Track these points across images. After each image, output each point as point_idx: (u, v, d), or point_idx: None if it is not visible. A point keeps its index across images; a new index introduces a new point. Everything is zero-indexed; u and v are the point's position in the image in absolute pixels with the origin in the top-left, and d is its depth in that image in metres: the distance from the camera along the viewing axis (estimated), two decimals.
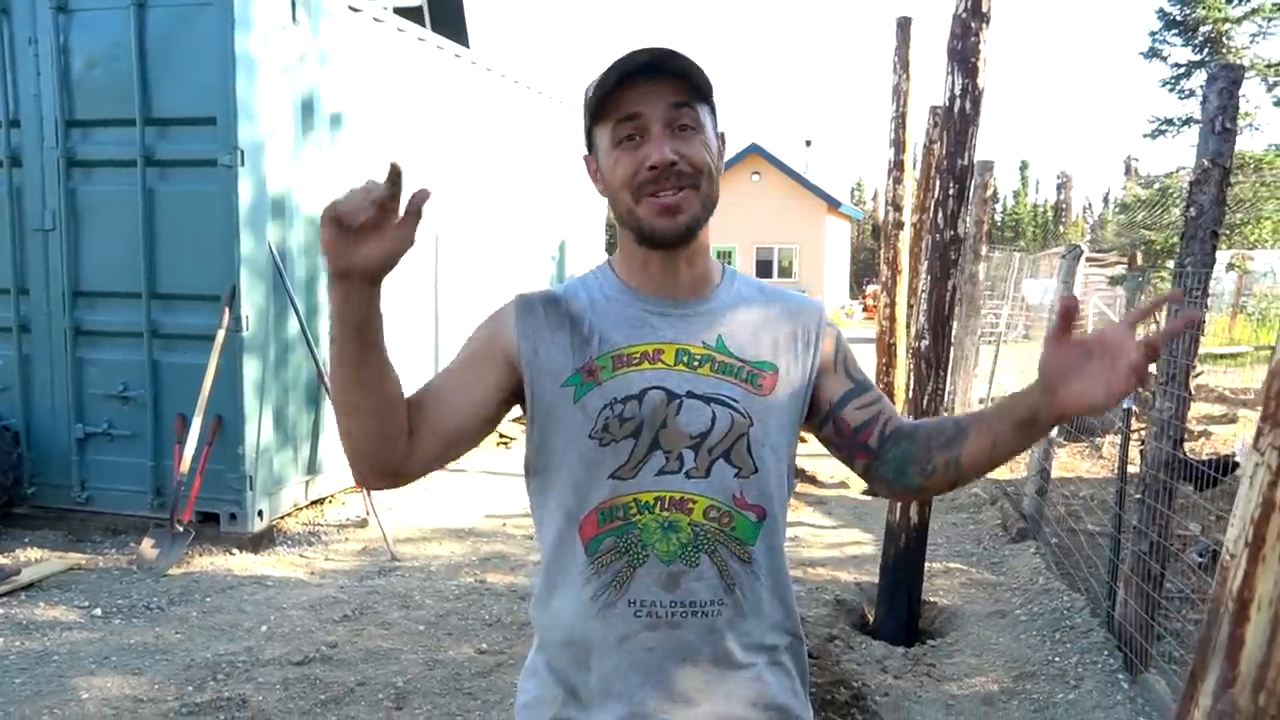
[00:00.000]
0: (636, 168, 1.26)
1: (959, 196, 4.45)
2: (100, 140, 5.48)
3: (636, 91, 1.25)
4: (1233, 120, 3.80)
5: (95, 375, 5.60)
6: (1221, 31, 16.58)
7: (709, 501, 1.28)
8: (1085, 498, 6.66)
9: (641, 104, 1.25)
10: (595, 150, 1.33)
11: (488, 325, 1.36)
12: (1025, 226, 55.87)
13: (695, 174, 1.26)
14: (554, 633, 1.34)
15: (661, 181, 1.25)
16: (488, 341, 1.34)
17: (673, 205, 1.26)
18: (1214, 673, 0.59)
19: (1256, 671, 0.54)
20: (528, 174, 8.93)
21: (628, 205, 1.28)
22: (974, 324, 10.06)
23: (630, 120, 1.26)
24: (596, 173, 1.34)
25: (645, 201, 1.26)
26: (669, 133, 1.26)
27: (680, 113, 1.26)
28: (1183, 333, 1.11)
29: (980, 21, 4.34)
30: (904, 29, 7.48)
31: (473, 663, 3.96)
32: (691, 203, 1.27)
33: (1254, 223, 14.78)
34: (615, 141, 1.28)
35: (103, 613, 4.49)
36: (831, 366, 1.39)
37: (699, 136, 1.28)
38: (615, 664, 1.28)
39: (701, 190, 1.28)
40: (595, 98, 1.27)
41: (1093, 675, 3.80)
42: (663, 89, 1.26)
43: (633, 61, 1.24)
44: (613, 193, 1.30)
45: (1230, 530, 0.60)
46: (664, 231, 1.27)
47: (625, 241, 1.35)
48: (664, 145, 1.25)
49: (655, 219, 1.27)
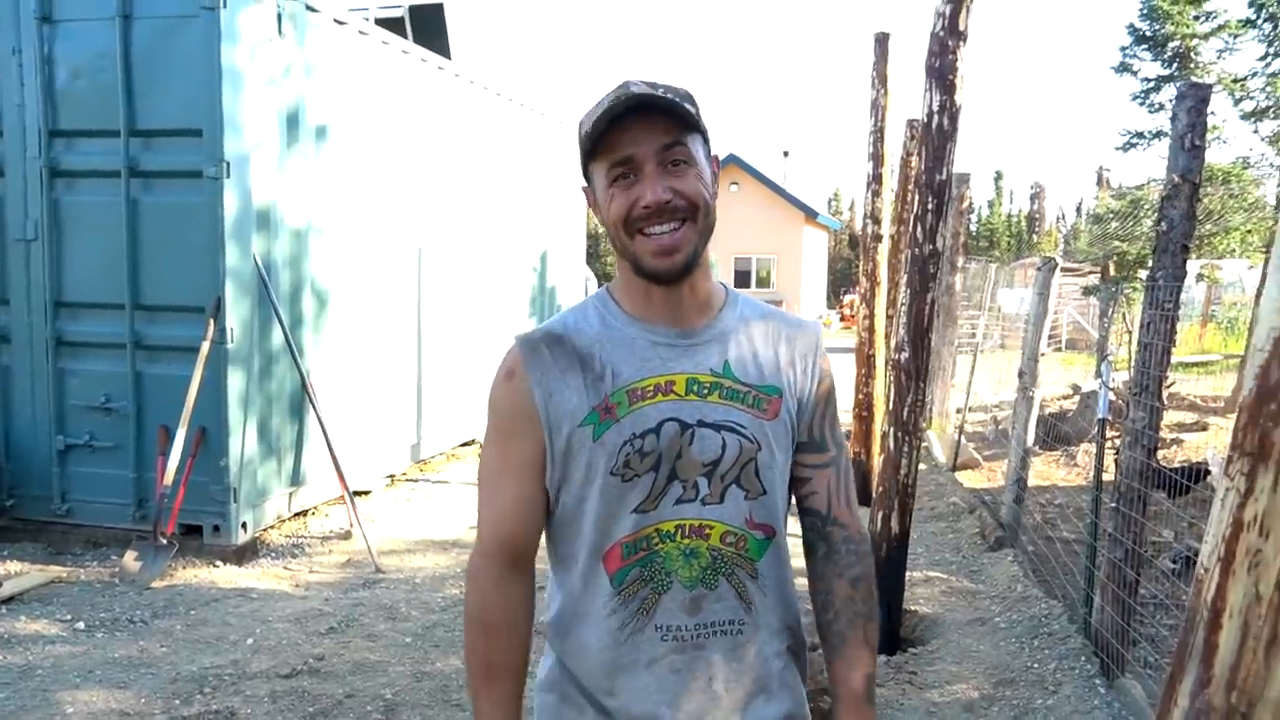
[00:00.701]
0: (630, 206, 1.28)
1: (937, 211, 4.54)
2: (84, 151, 5.48)
3: (628, 133, 1.28)
4: (1201, 137, 3.91)
5: (77, 386, 5.58)
6: (1190, 47, 16.90)
7: (725, 526, 1.34)
8: (1061, 506, 6.77)
9: (633, 145, 1.28)
10: (592, 184, 1.36)
11: (507, 397, 1.37)
12: (1000, 236, 56.47)
13: (690, 208, 1.29)
14: (580, 660, 1.37)
15: (654, 219, 1.28)
16: (518, 417, 1.36)
17: (669, 245, 1.29)
18: (1191, 675, 0.65)
19: (1229, 673, 0.60)
20: (510, 186, 8.97)
21: (625, 242, 1.31)
22: (951, 334, 10.19)
23: (623, 163, 1.29)
24: (595, 203, 1.38)
25: (640, 239, 1.29)
26: (662, 170, 1.28)
27: (672, 151, 1.29)
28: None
29: (958, 40, 4.43)
30: (882, 44, 7.59)
31: (460, 675, 3.98)
32: (689, 238, 1.30)
33: (1222, 234, 15.06)
34: (610, 180, 1.31)
35: (85, 626, 4.47)
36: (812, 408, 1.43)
37: (692, 170, 1.30)
38: (644, 686, 1.33)
39: (698, 223, 1.31)
40: (588, 139, 1.30)
41: (1071, 681, 3.88)
42: (653, 128, 1.28)
43: (621, 104, 1.26)
44: (611, 229, 1.33)
45: (1205, 546, 0.66)
46: (663, 270, 1.31)
47: (626, 272, 1.38)
48: (657, 185, 1.27)
49: (653, 259, 1.30)
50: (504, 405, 1.38)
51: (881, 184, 7.60)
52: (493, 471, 1.40)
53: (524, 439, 1.36)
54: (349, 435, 6.27)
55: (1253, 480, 0.62)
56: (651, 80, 1.31)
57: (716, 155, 1.39)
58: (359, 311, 6.56)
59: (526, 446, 1.36)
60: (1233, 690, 0.60)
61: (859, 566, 1.43)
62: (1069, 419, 9.51)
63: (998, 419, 10.28)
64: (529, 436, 1.35)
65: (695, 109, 1.31)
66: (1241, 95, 15.19)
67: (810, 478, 1.44)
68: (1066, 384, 12.08)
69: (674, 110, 1.28)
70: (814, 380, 1.43)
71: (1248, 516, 0.62)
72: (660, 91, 1.28)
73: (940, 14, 4.42)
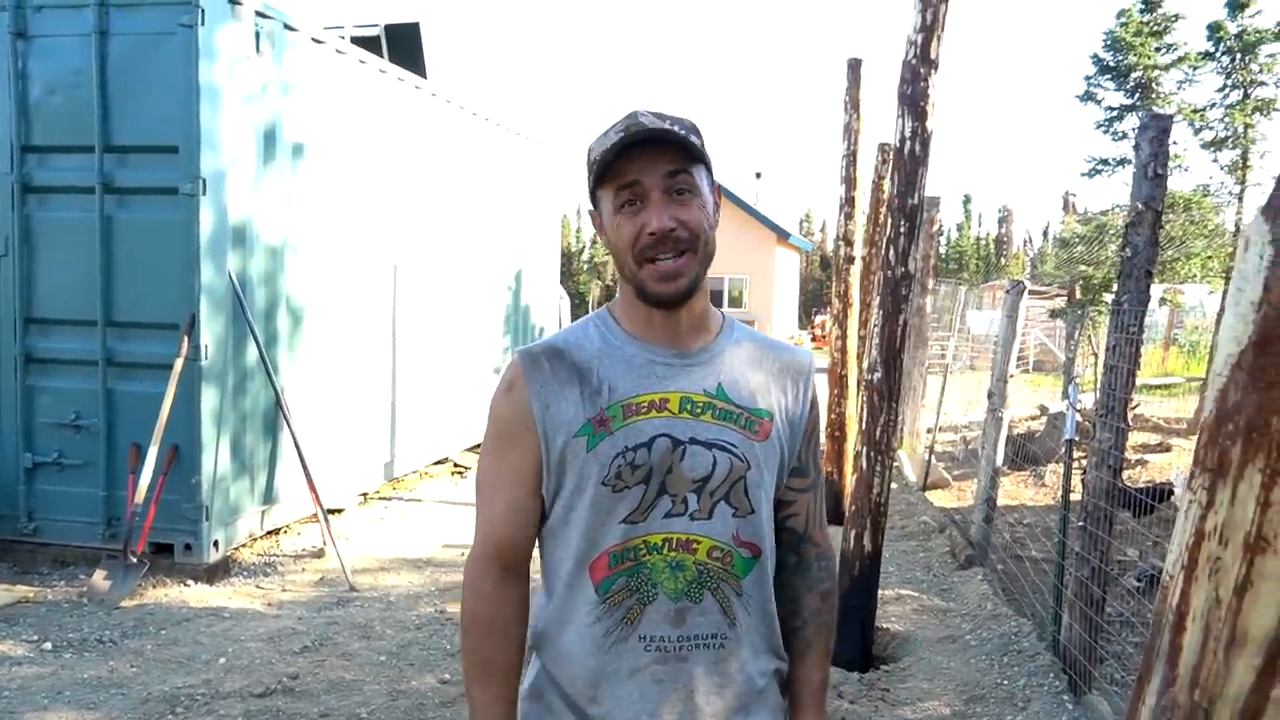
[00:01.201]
0: (638, 233, 1.34)
1: (909, 234, 4.63)
2: (57, 166, 5.45)
3: (635, 163, 1.34)
4: (1164, 166, 4.03)
5: (47, 404, 5.52)
6: (1151, 78, 17.32)
7: (712, 542, 1.37)
8: (1030, 525, 6.87)
9: (640, 173, 1.34)
10: (599, 208, 1.42)
11: (506, 407, 1.42)
12: (969, 259, 57.22)
13: (693, 238, 1.36)
14: (564, 666, 1.40)
15: (660, 247, 1.34)
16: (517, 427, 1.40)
17: (672, 271, 1.35)
18: (1158, 675, 0.70)
19: (1192, 672, 0.65)
20: (485, 205, 9.01)
21: (631, 268, 1.37)
22: (922, 355, 10.33)
23: (630, 187, 1.35)
24: (601, 227, 1.43)
25: (647, 267, 1.35)
26: (667, 199, 1.34)
27: (677, 179, 1.35)
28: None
29: (929, 67, 4.54)
30: (854, 70, 7.73)
31: (436, 693, 3.98)
32: (691, 266, 1.36)
33: (1184, 260, 15.40)
34: (617, 207, 1.36)
35: (53, 646, 4.41)
36: (804, 434, 1.50)
37: (696, 200, 1.36)
38: (626, 695, 1.36)
39: (699, 253, 1.37)
40: (598, 165, 1.36)
41: (1039, 697, 3.94)
42: (661, 157, 1.34)
43: (630, 137, 1.32)
44: (616, 254, 1.39)
45: (1170, 555, 0.71)
46: (666, 295, 1.37)
47: (628, 294, 1.43)
48: (663, 213, 1.33)
49: (657, 284, 1.36)
50: (503, 415, 1.43)
51: (854, 207, 7.72)
52: (489, 479, 1.44)
53: (520, 448, 1.40)
54: (323, 453, 6.25)
55: (1213, 494, 0.67)
56: (658, 111, 1.37)
57: (719, 184, 1.45)
58: (334, 329, 6.55)
59: (522, 455, 1.40)
60: (1195, 688, 0.64)
61: (828, 582, 1.54)
62: (1037, 439, 9.67)
63: (967, 439, 10.42)
64: (525, 446, 1.39)
65: (700, 141, 1.38)
66: (1201, 125, 15.58)
67: (794, 500, 1.51)
68: (1034, 405, 12.27)
69: (681, 143, 1.34)
70: (805, 407, 1.50)
71: (1209, 527, 0.67)
72: (668, 124, 1.34)
73: (912, 42, 4.53)
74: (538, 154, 10.32)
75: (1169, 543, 0.74)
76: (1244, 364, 0.66)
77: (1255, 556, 0.63)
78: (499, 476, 1.42)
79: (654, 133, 1.33)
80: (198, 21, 5.12)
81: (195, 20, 5.12)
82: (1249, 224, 0.68)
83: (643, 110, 1.37)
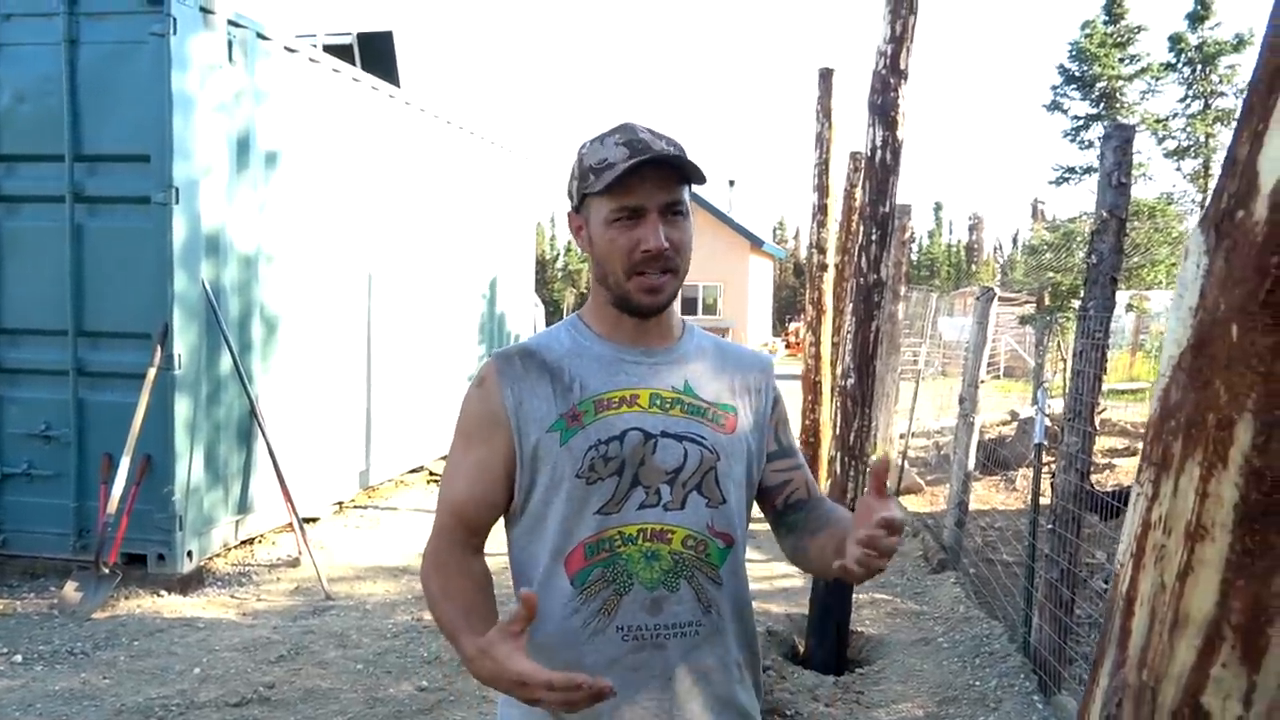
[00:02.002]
0: (632, 248, 1.39)
1: (881, 242, 4.70)
2: (26, 175, 5.40)
3: (642, 185, 1.38)
4: (1127, 175, 4.13)
5: (15, 414, 5.47)
6: (1115, 88, 17.66)
7: (686, 531, 1.42)
8: (1001, 529, 6.97)
9: (645, 197, 1.39)
10: (586, 212, 1.45)
11: (478, 401, 1.46)
12: (940, 266, 57.84)
13: (678, 260, 1.43)
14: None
15: (651, 264, 1.40)
16: (485, 421, 1.45)
17: (658, 286, 1.41)
18: (1110, 657, 0.74)
19: (1140, 654, 0.69)
20: (459, 213, 9.01)
21: (618, 278, 1.42)
22: (894, 361, 10.43)
23: (630, 204, 1.39)
24: (581, 230, 1.47)
25: (635, 279, 1.41)
26: (662, 219, 1.40)
27: (674, 204, 1.41)
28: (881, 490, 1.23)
29: (899, 78, 4.62)
30: (826, 80, 7.83)
31: (414, 700, 3.98)
32: (673, 283, 1.44)
33: (1149, 266, 15.69)
34: (612, 219, 1.41)
35: (23, 659, 4.36)
36: (770, 424, 1.58)
37: (685, 222, 1.44)
38: None
39: (680, 273, 1.44)
40: (606, 180, 1.38)
41: (1011, 698, 4.00)
42: (662, 183, 1.39)
43: (641, 159, 1.36)
44: (604, 263, 1.43)
45: (1120, 545, 0.76)
46: (648, 307, 1.43)
47: (600, 299, 1.49)
48: (659, 233, 1.39)
49: (642, 296, 1.42)
50: (474, 410, 1.47)
51: (827, 214, 7.81)
52: (452, 471, 1.48)
53: (488, 445, 1.44)
54: (297, 462, 6.22)
55: (1158, 486, 0.71)
56: (650, 128, 1.43)
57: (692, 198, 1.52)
58: (308, 337, 6.53)
59: (491, 450, 1.44)
60: (1144, 668, 0.69)
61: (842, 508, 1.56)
62: (1007, 444, 9.80)
63: (939, 444, 10.53)
64: (494, 442, 1.44)
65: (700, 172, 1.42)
66: (1164, 135, 15.90)
67: (790, 479, 1.57)
68: (1005, 410, 12.42)
69: (683, 169, 1.40)
70: (767, 402, 1.57)
71: (1154, 517, 0.71)
72: (671, 148, 1.41)
73: (882, 53, 4.61)
74: (512, 162, 10.34)
75: (1121, 533, 0.79)
76: (1183, 365, 0.71)
77: (1195, 544, 0.68)
78: (463, 468, 1.46)
79: (664, 157, 1.38)
80: (170, 30, 5.10)
81: (167, 29, 5.10)
82: (1189, 235, 0.73)
83: (639, 126, 1.43)
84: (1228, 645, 0.65)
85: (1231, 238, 0.67)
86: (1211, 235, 0.69)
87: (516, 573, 1.49)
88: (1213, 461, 0.66)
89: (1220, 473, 0.66)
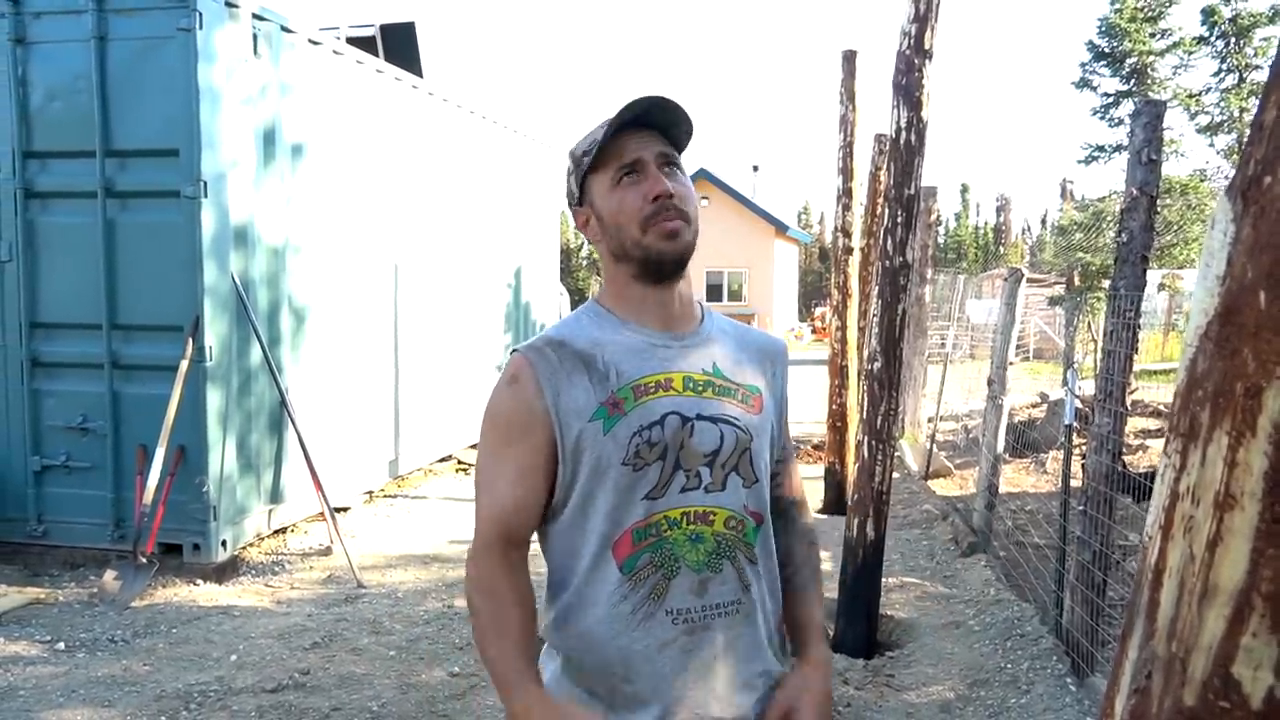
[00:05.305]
0: (641, 201, 1.41)
1: (906, 224, 4.66)
2: (59, 171, 5.49)
3: (632, 140, 1.43)
4: (1158, 152, 4.07)
5: (53, 407, 5.57)
6: (1146, 64, 17.34)
7: (727, 512, 1.43)
8: (1031, 511, 6.91)
9: (639, 150, 1.43)
10: (590, 199, 1.47)
11: (511, 399, 1.44)
12: (967, 248, 57.24)
13: (685, 209, 1.44)
14: (586, 651, 1.43)
15: (664, 211, 1.41)
16: (522, 418, 1.43)
17: (675, 229, 1.42)
18: (1139, 630, 0.74)
19: (1169, 625, 0.69)
20: (484, 202, 9.04)
21: (635, 236, 1.43)
22: (921, 345, 10.37)
23: (627, 160, 1.43)
24: (587, 223, 1.48)
25: (653, 229, 1.42)
26: (663, 171, 1.44)
27: (667, 154, 1.46)
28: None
29: (923, 58, 4.57)
30: (850, 61, 7.75)
31: (446, 685, 4.03)
32: (688, 231, 1.45)
33: (1182, 245, 15.44)
34: (615, 182, 1.44)
35: (66, 647, 4.46)
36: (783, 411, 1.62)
37: (684, 175, 1.48)
38: (657, 669, 1.40)
39: (691, 224, 1.45)
40: (596, 145, 1.43)
41: (1043, 680, 3.98)
42: (653, 139, 1.44)
43: (630, 111, 1.41)
44: (618, 227, 1.44)
45: (1149, 517, 0.75)
46: (671, 252, 1.43)
47: (620, 278, 1.48)
48: (663, 179, 1.42)
49: (663, 242, 1.42)
50: (507, 409, 1.44)
51: (851, 198, 7.74)
52: (490, 475, 1.45)
53: (525, 444, 1.42)
54: (327, 452, 6.29)
55: (1185, 457, 0.71)
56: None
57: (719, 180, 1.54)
58: (337, 328, 6.59)
59: (530, 447, 1.42)
60: (1173, 640, 0.68)
61: (812, 534, 1.67)
62: (1038, 427, 9.71)
63: (968, 427, 10.46)
64: (532, 440, 1.42)
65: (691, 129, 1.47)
66: (1197, 110, 15.61)
67: (779, 472, 1.61)
68: (1034, 392, 12.30)
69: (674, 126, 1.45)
70: (783, 385, 1.60)
71: (1182, 488, 0.71)
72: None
73: (906, 33, 4.56)
74: (536, 150, 10.35)
75: (1150, 505, 0.79)
76: (1210, 334, 0.70)
77: (1224, 513, 0.67)
78: (503, 467, 1.44)
79: (644, 105, 1.41)
80: (196, 25, 5.15)
81: (193, 23, 5.15)
82: (1216, 203, 0.72)
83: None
84: (1258, 615, 0.64)
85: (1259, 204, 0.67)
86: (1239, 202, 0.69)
87: (554, 566, 1.48)
88: (1241, 430, 0.66)
89: (1249, 441, 0.65)
